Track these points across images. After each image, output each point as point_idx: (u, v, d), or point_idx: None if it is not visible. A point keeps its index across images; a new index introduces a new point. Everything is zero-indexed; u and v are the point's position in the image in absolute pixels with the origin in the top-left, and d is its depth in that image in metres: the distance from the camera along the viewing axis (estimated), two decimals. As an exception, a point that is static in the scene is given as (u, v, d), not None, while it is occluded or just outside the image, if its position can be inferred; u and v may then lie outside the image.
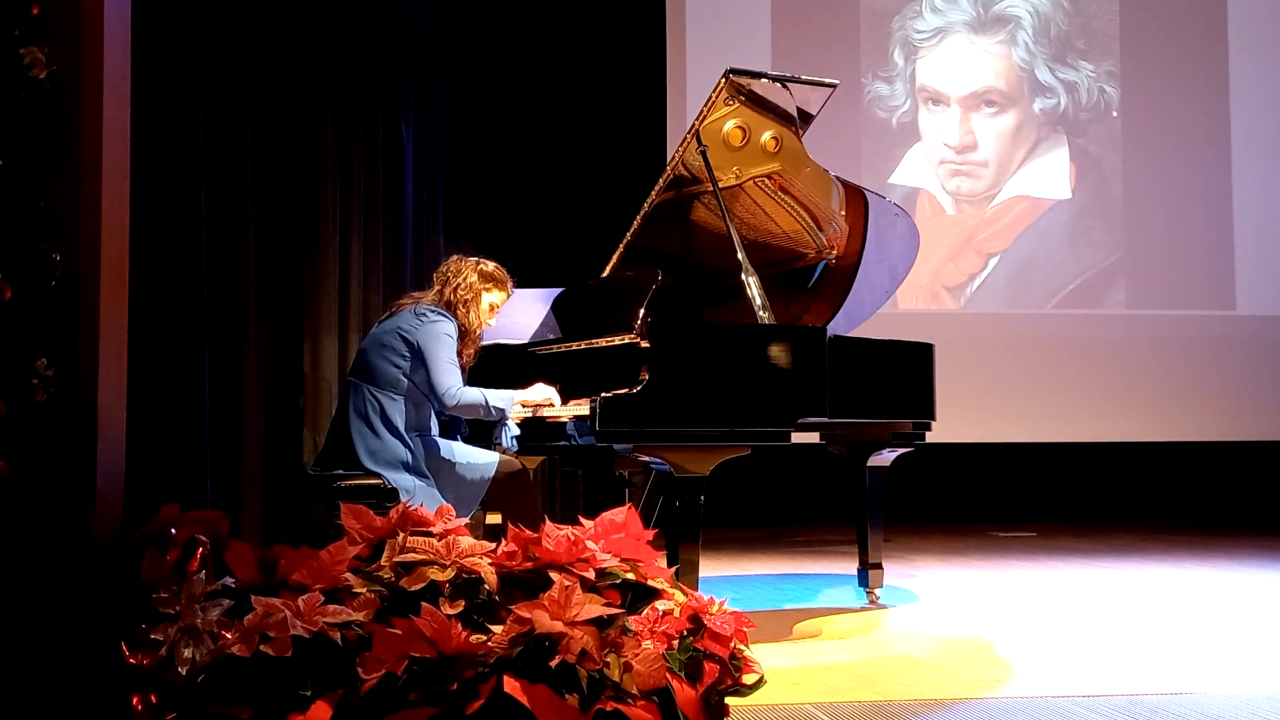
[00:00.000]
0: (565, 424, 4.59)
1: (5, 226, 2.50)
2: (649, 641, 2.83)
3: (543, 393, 4.58)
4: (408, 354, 4.48)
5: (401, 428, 4.44)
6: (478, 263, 4.69)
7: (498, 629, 2.77)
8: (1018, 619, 4.98)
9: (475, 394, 4.45)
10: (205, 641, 2.61)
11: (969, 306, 9.71)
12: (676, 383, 4.21)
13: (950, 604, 5.41)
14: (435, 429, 4.60)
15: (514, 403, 4.52)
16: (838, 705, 3.47)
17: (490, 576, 2.90)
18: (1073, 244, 9.79)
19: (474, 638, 2.73)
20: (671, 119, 9.25)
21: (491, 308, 4.71)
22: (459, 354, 4.60)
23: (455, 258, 4.72)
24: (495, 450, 4.62)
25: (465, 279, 4.62)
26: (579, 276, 5.40)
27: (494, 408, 4.46)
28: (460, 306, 4.59)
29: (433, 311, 4.54)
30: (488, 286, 4.67)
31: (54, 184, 2.55)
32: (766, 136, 4.98)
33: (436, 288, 4.65)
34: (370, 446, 4.41)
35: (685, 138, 4.87)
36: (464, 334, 4.60)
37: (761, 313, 4.62)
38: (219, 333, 5.54)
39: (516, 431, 4.60)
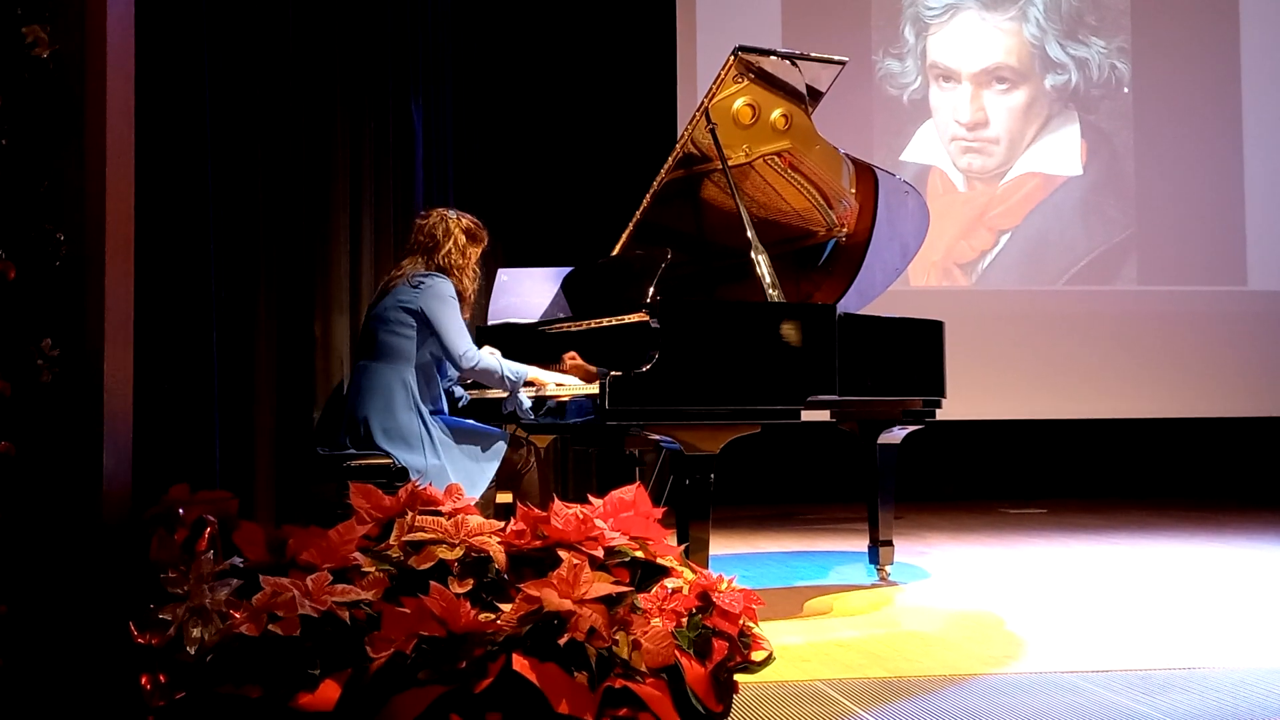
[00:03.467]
0: (568, 403, 4.57)
1: (9, 206, 2.50)
2: (658, 619, 2.84)
3: (557, 377, 4.56)
4: (414, 324, 4.46)
5: (415, 404, 4.42)
6: (459, 218, 4.67)
7: (507, 607, 2.77)
8: (1029, 595, 4.98)
9: (492, 360, 4.44)
10: (214, 621, 2.62)
11: (980, 283, 9.68)
12: (686, 361, 4.20)
13: (961, 581, 5.41)
14: (445, 407, 4.59)
15: (526, 378, 4.51)
16: (848, 682, 3.47)
17: (499, 555, 2.90)
18: (1084, 220, 9.75)
19: (483, 616, 2.73)
20: (681, 97, 9.22)
21: (477, 263, 4.70)
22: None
23: (436, 214, 4.69)
24: (508, 424, 4.61)
25: (455, 241, 4.60)
26: (589, 255, 5.39)
27: (508, 377, 4.45)
28: (455, 272, 4.58)
29: (425, 277, 4.52)
30: (475, 245, 4.68)
31: (58, 163, 2.55)
32: (776, 114, 4.96)
33: (423, 253, 4.61)
34: (384, 424, 4.39)
35: (695, 116, 4.85)
36: (461, 297, 4.60)
37: (771, 291, 4.61)
38: (228, 312, 5.52)
39: (527, 404, 4.57)
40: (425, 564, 2.84)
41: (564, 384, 4.53)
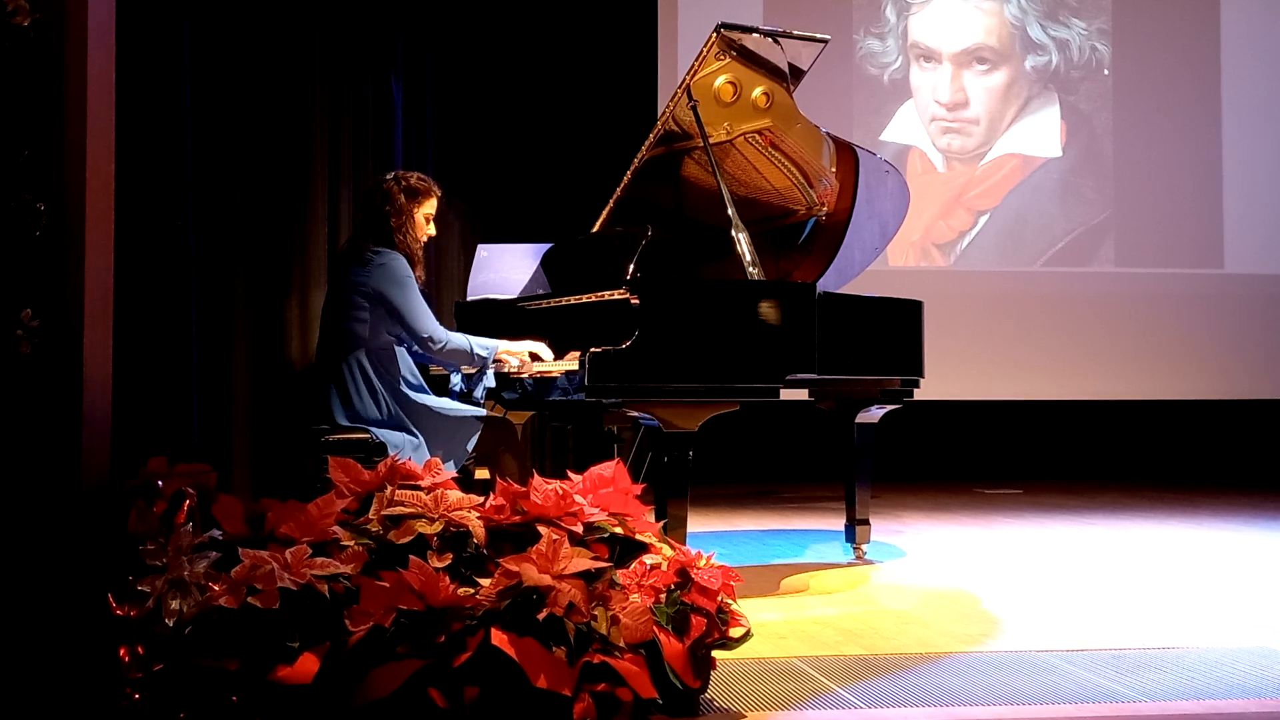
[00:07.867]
0: (555, 379, 4.57)
1: (-11, 176, 2.49)
2: (636, 595, 2.85)
3: (528, 346, 4.52)
4: (366, 305, 4.35)
5: (377, 386, 4.36)
6: (398, 179, 4.53)
7: (486, 582, 2.78)
8: (1004, 575, 5.01)
9: (461, 339, 4.39)
10: (192, 593, 2.62)
11: (959, 264, 9.71)
12: (666, 338, 4.20)
13: (937, 560, 5.43)
14: (418, 382, 4.54)
15: (496, 353, 4.47)
16: (824, 659, 3.49)
17: (478, 530, 2.91)
18: (1062, 202, 9.78)
19: (462, 591, 2.74)
20: (663, 74, 9.20)
21: (427, 219, 4.58)
22: None
23: (376, 182, 4.59)
24: (465, 399, 4.58)
25: (394, 204, 4.47)
26: (569, 232, 5.38)
27: (478, 355, 4.42)
28: (399, 234, 4.45)
29: (376, 254, 4.40)
30: (417, 201, 4.52)
31: (38, 133, 2.53)
32: (758, 92, 4.95)
33: (369, 224, 4.51)
34: (348, 409, 4.35)
35: (676, 93, 4.84)
36: (412, 261, 4.47)
37: (751, 269, 4.61)
38: (206, 284, 5.51)
39: (491, 383, 4.53)
40: (404, 538, 2.84)
41: (528, 352, 4.49)
